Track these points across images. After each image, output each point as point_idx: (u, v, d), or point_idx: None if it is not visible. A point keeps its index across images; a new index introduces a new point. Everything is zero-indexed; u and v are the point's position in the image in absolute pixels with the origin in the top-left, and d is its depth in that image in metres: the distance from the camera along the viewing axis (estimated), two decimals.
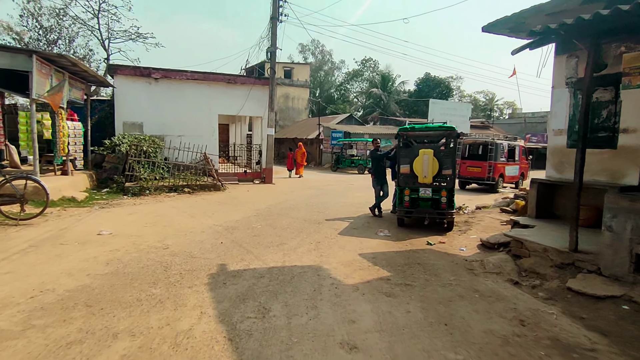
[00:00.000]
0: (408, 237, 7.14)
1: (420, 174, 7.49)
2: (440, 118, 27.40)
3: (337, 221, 8.38)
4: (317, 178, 19.49)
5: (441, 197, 7.56)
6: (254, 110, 16.22)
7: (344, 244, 6.38)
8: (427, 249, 6.28)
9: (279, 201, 11.11)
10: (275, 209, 9.70)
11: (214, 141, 15.40)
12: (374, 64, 57.61)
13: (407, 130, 7.76)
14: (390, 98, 44.02)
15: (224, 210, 9.27)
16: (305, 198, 11.95)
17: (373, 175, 9.14)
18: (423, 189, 7.67)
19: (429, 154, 7.43)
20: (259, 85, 15.92)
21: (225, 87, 15.47)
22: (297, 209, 9.91)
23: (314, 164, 29.22)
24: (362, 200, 11.62)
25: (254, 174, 16.43)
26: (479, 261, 5.48)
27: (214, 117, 15.40)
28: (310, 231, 7.29)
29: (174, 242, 6.12)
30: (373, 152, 9.10)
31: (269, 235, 6.80)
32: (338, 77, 61.49)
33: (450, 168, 7.58)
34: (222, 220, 8.08)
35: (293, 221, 8.20)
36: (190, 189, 12.16)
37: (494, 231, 7.41)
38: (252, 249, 5.89)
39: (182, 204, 10.01)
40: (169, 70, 14.61)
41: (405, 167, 7.81)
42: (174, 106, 14.66)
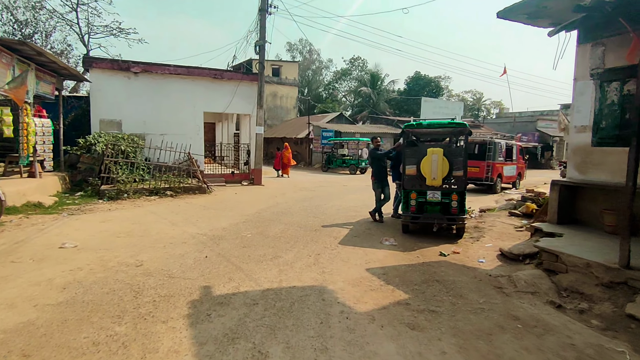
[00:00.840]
0: (416, 246, 6.39)
1: (429, 176, 6.75)
2: (432, 116, 26.88)
3: (335, 228, 7.58)
4: (308, 179, 18.68)
5: (451, 201, 6.83)
6: (242, 107, 15.31)
7: (348, 256, 5.59)
8: (441, 261, 5.53)
9: (270, 205, 10.26)
10: (266, 214, 8.85)
11: (199, 140, 14.45)
12: (363, 62, 57.03)
13: (413, 127, 7.01)
14: (379, 97, 43.45)
15: (210, 216, 8.38)
16: (297, 201, 11.13)
17: (373, 177, 8.37)
18: (431, 192, 6.93)
19: (438, 153, 6.69)
20: (246, 81, 15.02)
21: (211, 83, 14.52)
22: (290, 213, 9.08)
23: (304, 164, 28.39)
24: (358, 203, 10.86)
25: (242, 175, 15.52)
26: (505, 277, 4.75)
27: (199, 115, 14.44)
28: (307, 240, 6.48)
29: (149, 256, 5.23)
30: (373, 152, 8.33)
31: (260, 247, 5.96)
32: (326, 76, 60.78)
33: (462, 169, 6.86)
34: (207, 228, 7.20)
35: (287, 228, 7.37)
36: (172, 192, 11.21)
37: (510, 238, 6.72)
38: (242, 264, 5.04)
39: (163, 209, 9.08)
40: (149, 64, 13.60)
41: (412, 167, 7.06)
42: (156, 103, 13.66)
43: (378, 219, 8.35)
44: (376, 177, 8.30)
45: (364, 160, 22.72)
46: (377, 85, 45.36)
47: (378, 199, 8.39)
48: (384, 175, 8.36)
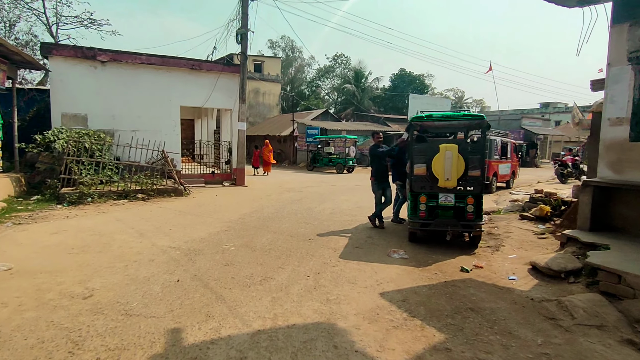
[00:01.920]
0: (430, 258, 5.46)
1: (442, 176, 5.82)
2: None
3: (332, 236, 6.58)
4: (294, 178, 17.62)
5: (467, 204, 5.92)
6: (223, 101, 14.12)
7: (354, 275, 4.59)
8: (466, 279, 4.60)
9: (255, 208, 9.17)
10: (251, 220, 7.77)
11: (176, 137, 13.19)
12: (346, 60, 56.20)
13: (423, 119, 6.07)
14: (364, 94, 42.68)
15: (186, 224, 7.24)
16: (284, 203, 10.08)
17: (373, 177, 7.40)
18: (444, 195, 6.00)
19: (452, 150, 5.77)
20: (227, 73, 13.83)
21: (189, 75, 13.27)
22: (278, 218, 8.03)
23: (288, 162, 27.30)
24: (351, 205, 9.90)
25: (224, 175, 14.34)
26: (553, 302, 3.84)
27: (175, 109, 13.17)
28: (301, 254, 5.45)
29: (104, 282, 4.10)
30: (373, 149, 7.36)
31: (246, 264, 4.89)
32: (309, 74, 59.72)
33: (479, 168, 5.96)
34: (181, 239, 6.07)
35: (276, 238, 6.33)
36: (144, 195, 9.97)
37: (534, 248, 5.87)
38: (224, 290, 3.98)
39: (131, 216, 7.87)
40: (119, 53, 12.25)
41: (421, 167, 6.12)
42: (126, 96, 12.33)
43: (378, 225, 7.40)
44: (376, 177, 7.34)
45: (352, 158, 21.82)
46: (361, 82, 44.57)
47: (378, 202, 7.44)
48: (385, 176, 7.41)
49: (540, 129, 35.92)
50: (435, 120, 6.05)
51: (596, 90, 8.87)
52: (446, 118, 6.03)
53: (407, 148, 7.53)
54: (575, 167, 17.27)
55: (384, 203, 7.41)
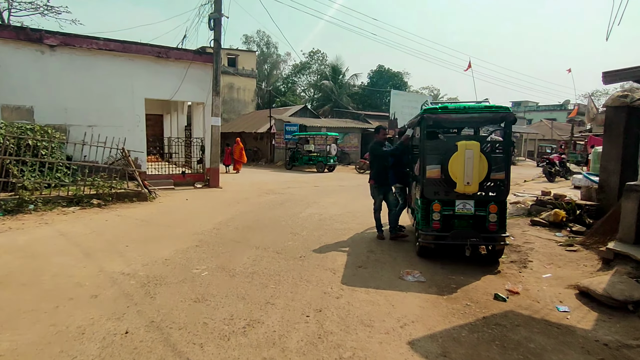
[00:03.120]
0: (450, 279, 4.47)
1: (461, 180, 4.83)
2: (402, 110, 25.47)
3: (326, 252, 5.49)
4: (273, 179, 16.39)
5: (489, 213, 4.97)
6: (194, 94, 12.72)
7: (367, 313, 3.51)
8: (507, 312, 3.61)
9: (232, 215, 7.95)
10: (227, 230, 6.57)
11: (140, 134, 11.72)
12: (323, 56, 55.13)
13: (437, 112, 5.06)
14: (342, 91, 41.71)
15: (148, 237, 5.96)
16: (265, 208, 8.90)
17: (373, 180, 6.34)
18: (461, 202, 5.02)
19: (473, 148, 4.79)
20: (199, 63, 12.44)
21: (154, 63, 11.81)
22: (260, 228, 6.86)
23: (265, 161, 25.98)
24: (340, 210, 8.84)
25: (195, 176, 12.97)
26: (635, 349, 2.90)
27: (139, 102, 11.69)
28: (294, 278, 4.33)
29: (13, 342, 2.82)
30: (376, 147, 6.29)
31: (224, 298, 3.72)
32: (284, 70, 58.29)
33: (504, 169, 5.02)
34: (140, 260, 4.82)
35: (260, 255, 5.17)
36: (101, 201, 8.54)
37: (569, 264, 4.98)
38: (194, 349, 2.81)
39: (80, 228, 6.50)
40: (71, 36, 10.68)
41: (434, 168, 5.11)
42: (81, 86, 10.77)
43: (380, 236, 6.37)
44: (377, 180, 6.28)
45: (333, 157, 20.79)
46: (338, 78, 43.59)
47: (377, 209, 6.40)
48: (387, 179, 6.38)
49: (515, 127, 36.09)
50: (452, 113, 5.03)
51: (608, 83, 8.18)
52: (465, 110, 5.03)
53: (409, 146, 6.57)
54: (563, 166, 16.90)
55: (390, 210, 6.37)
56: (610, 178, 7.62)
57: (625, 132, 7.40)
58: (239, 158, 18.67)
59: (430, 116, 5.05)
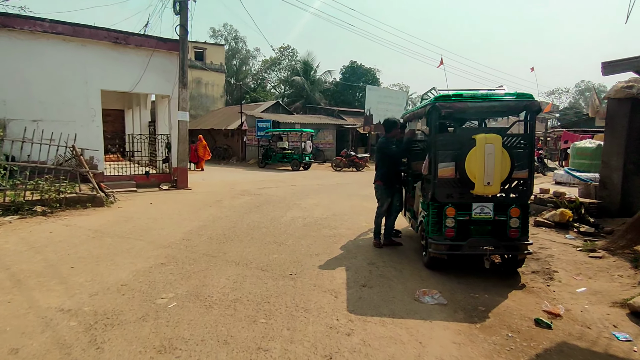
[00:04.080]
0: (473, 298, 3.74)
1: (480, 179, 4.10)
2: (377, 106, 24.91)
3: (322, 268, 4.63)
4: (246, 178, 15.33)
5: (510, 217, 4.28)
6: (158, 86, 11.47)
7: (391, 356, 2.69)
8: (560, 344, 2.90)
9: (204, 221, 6.94)
10: (199, 242, 5.57)
11: (96, 130, 10.38)
12: (293, 52, 54.01)
13: (451, 100, 4.30)
14: (314, 87, 40.84)
15: (100, 254, 4.88)
16: (241, 212, 7.92)
17: (381, 181, 5.51)
18: (479, 206, 4.31)
19: (495, 142, 4.07)
20: (163, 52, 11.21)
21: (111, 50, 10.49)
22: (238, 237, 5.91)
23: (237, 159, 24.74)
24: (325, 213, 8.02)
25: (161, 176, 11.74)
26: None
27: (94, 94, 10.34)
28: (288, 307, 3.44)
29: None
30: (386, 145, 5.45)
31: (199, 343, 2.78)
32: (254, 66, 56.75)
33: (527, 167, 4.34)
34: (86, 288, 3.78)
35: (241, 275, 4.24)
36: (47, 208, 7.28)
37: (598, 273, 4.38)
38: None
39: (13, 244, 5.30)
40: (10, 17, 9.21)
41: (448, 166, 4.36)
42: (23, 75, 9.34)
43: (377, 243, 5.59)
44: (386, 181, 5.49)
45: (308, 154, 19.90)
46: (310, 74, 42.69)
47: (383, 213, 5.60)
48: (399, 180, 5.65)
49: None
50: (469, 101, 4.29)
51: (608, 74, 7.77)
52: (484, 98, 4.30)
53: (409, 142, 5.79)
54: (540, 161, 16.86)
55: (390, 215, 5.59)
56: (612, 174, 7.21)
57: (629, 126, 7.00)
58: (203, 156, 18.13)
59: (444, 105, 4.29)
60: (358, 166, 19.69)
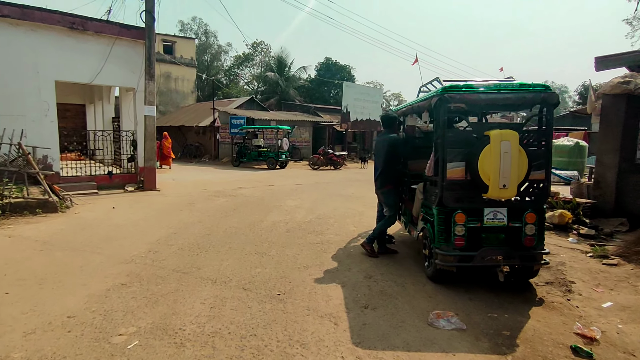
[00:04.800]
0: (493, 321, 3.23)
1: (495, 181, 3.59)
2: (354, 103, 24.47)
3: (314, 284, 4.01)
4: (220, 177, 14.47)
5: (525, 224, 3.81)
6: (122, 77, 10.46)
7: None
8: None
9: (174, 228, 6.16)
10: (169, 254, 4.82)
11: (50, 125, 9.29)
12: (267, 48, 52.88)
13: (461, 91, 3.77)
14: (288, 83, 40.03)
15: (46, 275, 4.06)
16: (217, 216, 7.19)
17: (392, 184, 4.93)
18: (492, 211, 3.81)
19: (511, 139, 3.57)
20: (127, 40, 10.21)
21: (67, 37, 9.41)
22: (214, 246, 5.20)
23: (209, 157, 23.66)
24: (308, 216, 7.42)
25: (126, 177, 10.76)
26: None
27: (47, 86, 9.24)
28: (280, 344, 2.79)
29: None
30: (397, 141, 4.90)
31: None
32: (226, 61, 55.21)
33: (544, 167, 3.88)
34: (21, 323, 2.99)
35: (220, 298, 3.56)
36: None
37: (619, 283, 3.99)
38: None
39: None
40: None
41: (457, 167, 3.84)
42: None
43: (370, 252, 5.02)
44: (396, 184, 4.96)
45: (285, 152, 19.16)
46: (284, 71, 41.83)
47: (391, 222, 5.06)
48: (400, 181, 5.14)
49: None
50: (482, 93, 3.76)
51: (601, 70, 7.54)
52: (498, 89, 3.79)
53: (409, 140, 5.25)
54: None
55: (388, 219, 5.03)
56: (607, 173, 6.96)
57: (624, 123, 6.77)
58: (168, 153, 17.22)
59: (454, 97, 3.74)
60: (336, 164, 19.17)
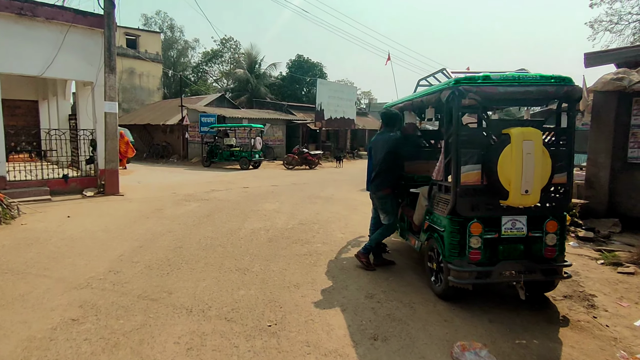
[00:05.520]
0: (521, 347, 2.80)
1: (517, 186, 3.14)
2: (328, 100, 23.98)
3: (309, 308, 3.43)
4: (190, 179, 13.58)
5: (546, 233, 3.40)
6: (78, 70, 9.40)
7: None
8: None
9: (139, 241, 5.39)
10: (132, 275, 4.09)
11: None
12: (236, 44, 51.48)
13: (477, 83, 3.28)
14: (259, 81, 39.06)
15: None
16: (189, 224, 6.46)
17: (391, 188, 4.39)
18: (510, 220, 3.37)
19: (534, 139, 3.14)
20: (83, 27, 9.18)
21: (14, 24, 8.31)
22: (188, 263, 4.50)
23: (177, 157, 22.48)
24: (290, 221, 6.85)
25: (84, 181, 9.73)
26: None
27: None
28: None
29: None
30: (398, 140, 4.36)
31: None
32: (194, 58, 53.36)
33: (566, 170, 3.47)
34: None
35: (198, 335, 2.91)
36: None
37: None
38: None
39: None
40: None
41: (473, 170, 3.36)
42: None
43: (366, 264, 4.49)
44: (394, 189, 4.44)
45: (258, 151, 18.41)
46: (254, 68, 40.80)
47: (392, 230, 4.53)
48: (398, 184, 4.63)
49: None
50: (500, 85, 3.29)
51: (590, 66, 7.37)
52: (519, 81, 3.33)
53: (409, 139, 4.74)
54: None
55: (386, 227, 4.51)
56: (600, 173, 6.77)
57: (615, 120, 6.59)
58: (125, 153, 15.81)
59: (469, 90, 3.25)
60: (311, 164, 18.61)
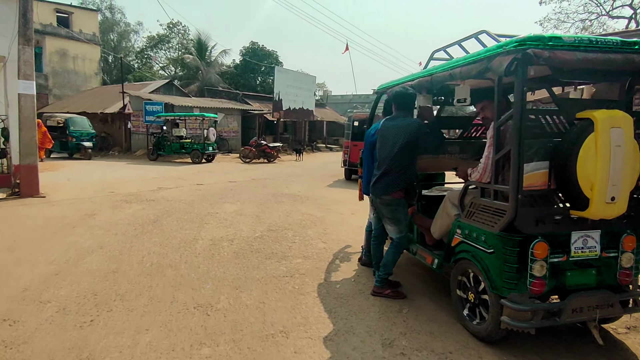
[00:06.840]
0: None
1: (603, 192, 2.24)
2: (287, 90, 22.66)
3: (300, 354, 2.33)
4: (133, 175, 11.81)
5: (622, 252, 2.56)
6: None
7: None
8: None
9: (56, 264, 3.97)
10: (38, 324, 2.74)
11: None
12: (184, 29, 48.24)
13: (551, 47, 2.28)
14: (210, 69, 36.75)
15: None
16: (128, 235, 5.08)
17: (400, 191, 3.29)
18: (581, 236, 2.47)
19: (624, 127, 2.25)
20: None
21: None
22: (124, 299, 3.21)
23: (119, 150, 20.15)
24: (257, 227, 5.70)
25: None
26: None
27: None
28: None
29: None
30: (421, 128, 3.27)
31: None
32: (137, 42, 49.38)
33: None
34: None
35: None
36: None
37: None
38: None
39: None
40: None
41: (538, 170, 2.42)
42: None
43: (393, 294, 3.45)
44: (406, 191, 3.35)
45: (212, 144, 16.77)
46: (205, 54, 38.29)
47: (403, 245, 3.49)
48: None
49: None
50: (579, 51, 2.34)
51: None
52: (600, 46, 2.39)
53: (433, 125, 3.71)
54: None
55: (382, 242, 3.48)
56: None
57: None
58: (42, 144, 13.63)
59: (540, 55, 2.25)
60: (269, 157, 17.34)
